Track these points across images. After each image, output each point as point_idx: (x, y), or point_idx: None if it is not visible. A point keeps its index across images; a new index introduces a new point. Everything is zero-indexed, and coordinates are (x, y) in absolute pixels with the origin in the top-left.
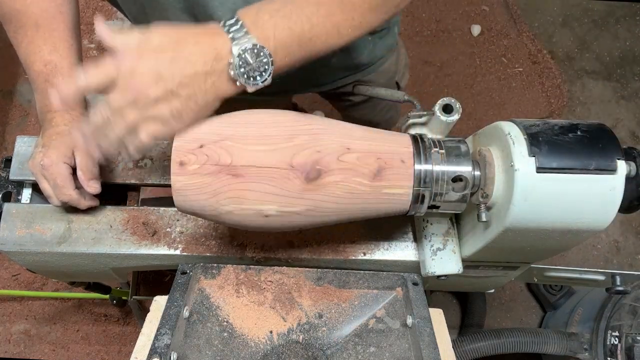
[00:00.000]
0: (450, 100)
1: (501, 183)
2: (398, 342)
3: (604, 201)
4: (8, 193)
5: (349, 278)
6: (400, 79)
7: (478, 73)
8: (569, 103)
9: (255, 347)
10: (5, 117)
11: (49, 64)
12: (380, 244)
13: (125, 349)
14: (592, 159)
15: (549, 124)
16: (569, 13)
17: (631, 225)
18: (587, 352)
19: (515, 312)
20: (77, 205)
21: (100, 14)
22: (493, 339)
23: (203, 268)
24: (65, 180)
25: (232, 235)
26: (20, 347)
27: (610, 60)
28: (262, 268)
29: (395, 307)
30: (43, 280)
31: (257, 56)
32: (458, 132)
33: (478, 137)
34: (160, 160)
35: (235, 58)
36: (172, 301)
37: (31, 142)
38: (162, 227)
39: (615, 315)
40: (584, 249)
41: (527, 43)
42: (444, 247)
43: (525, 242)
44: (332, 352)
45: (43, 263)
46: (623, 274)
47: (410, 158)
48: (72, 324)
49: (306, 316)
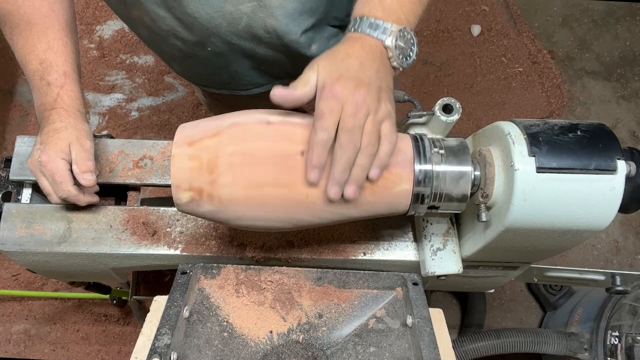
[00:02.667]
0: (450, 100)
1: (501, 183)
2: (398, 342)
3: (604, 201)
4: (8, 193)
5: (349, 278)
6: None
7: (478, 73)
8: (569, 103)
9: (255, 347)
10: (5, 117)
11: (44, 62)
12: (380, 244)
13: (125, 349)
14: (592, 159)
15: (549, 124)
16: (569, 13)
17: (631, 225)
18: (587, 352)
19: (515, 312)
20: (77, 202)
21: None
22: (493, 339)
23: (203, 268)
24: (64, 176)
25: (232, 235)
26: (20, 347)
27: (610, 60)
28: (262, 268)
29: (395, 307)
30: (43, 280)
31: (404, 38)
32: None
33: (478, 137)
34: (161, 160)
35: (393, 50)
36: (172, 301)
37: (31, 142)
38: (162, 227)
39: (615, 315)
40: (584, 249)
41: (527, 43)
42: (444, 247)
43: (525, 242)
44: (332, 352)
45: (43, 263)
46: (623, 274)
47: (410, 158)
48: (72, 324)
49: (306, 316)
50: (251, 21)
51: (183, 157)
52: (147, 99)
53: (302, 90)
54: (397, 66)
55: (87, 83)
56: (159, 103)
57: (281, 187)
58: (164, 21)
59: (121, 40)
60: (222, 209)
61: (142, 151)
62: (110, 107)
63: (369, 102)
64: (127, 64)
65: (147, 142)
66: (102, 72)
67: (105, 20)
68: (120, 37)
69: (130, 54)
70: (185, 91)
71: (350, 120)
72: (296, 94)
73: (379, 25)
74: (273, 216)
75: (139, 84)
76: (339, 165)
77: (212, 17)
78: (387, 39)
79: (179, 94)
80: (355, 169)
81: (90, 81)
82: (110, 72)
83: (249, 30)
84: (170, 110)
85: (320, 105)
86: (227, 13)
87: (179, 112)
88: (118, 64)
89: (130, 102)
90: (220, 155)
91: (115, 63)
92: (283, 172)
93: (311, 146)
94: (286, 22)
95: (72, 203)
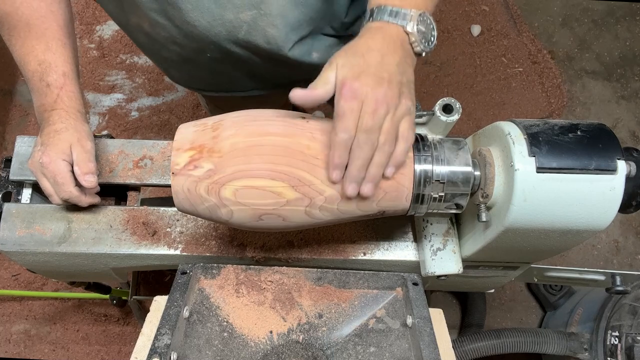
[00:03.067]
0: (450, 100)
1: (501, 183)
2: (398, 342)
3: (604, 201)
4: (8, 193)
5: (349, 278)
6: None
7: (478, 73)
8: (569, 103)
9: (255, 347)
10: (5, 117)
11: (43, 63)
12: (380, 244)
13: (125, 349)
14: (592, 159)
15: (549, 124)
16: (569, 13)
17: (631, 225)
18: (587, 352)
19: (515, 312)
20: (78, 203)
21: (100, 13)
22: (493, 339)
23: (203, 268)
24: (65, 177)
25: (232, 235)
26: (20, 347)
27: (610, 60)
28: (262, 268)
29: (395, 307)
30: (43, 280)
31: (424, 22)
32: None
33: (478, 137)
34: (161, 160)
35: (416, 34)
36: (172, 301)
37: (31, 142)
38: (162, 227)
39: (615, 315)
40: (584, 249)
41: (527, 43)
42: (444, 247)
43: (525, 242)
44: (332, 352)
45: (43, 263)
46: (623, 274)
47: (410, 158)
48: (72, 324)
49: (306, 316)
50: (251, 29)
51: (188, 126)
52: (147, 99)
53: (322, 90)
54: (420, 51)
55: (87, 83)
56: (159, 103)
57: (284, 137)
58: (163, 28)
59: (121, 40)
60: (220, 166)
61: (142, 151)
62: (110, 107)
63: (388, 100)
64: (127, 64)
65: (147, 142)
66: (102, 72)
67: (105, 20)
68: (120, 37)
69: (130, 54)
70: (185, 91)
71: (370, 119)
72: (316, 94)
73: (399, 12)
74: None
75: (139, 84)
76: (357, 164)
77: (212, 25)
78: (409, 25)
79: (179, 94)
80: (372, 167)
81: (90, 81)
82: (110, 72)
83: (249, 38)
84: (170, 110)
85: (340, 104)
86: (227, 21)
87: (179, 112)
88: (118, 64)
89: (130, 102)
90: (226, 118)
91: (115, 63)
92: (287, 127)
93: (333, 146)
94: (286, 31)
95: (73, 204)
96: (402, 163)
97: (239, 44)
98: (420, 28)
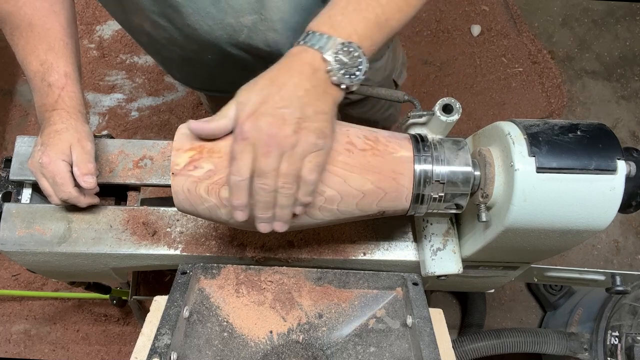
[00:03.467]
0: (450, 100)
1: (501, 183)
2: (398, 342)
3: (604, 201)
4: (8, 193)
5: (349, 278)
6: (398, 76)
7: (478, 73)
8: (569, 103)
9: (255, 347)
10: (5, 117)
11: (45, 63)
12: (380, 244)
13: (125, 349)
14: (592, 159)
15: (549, 124)
16: (569, 13)
17: (631, 225)
18: (587, 352)
19: (515, 312)
20: (77, 203)
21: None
22: (493, 339)
23: (203, 268)
24: (64, 177)
25: (232, 235)
26: (20, 347)
27: (610, 60)
28: (262, 268)
29: (395, 307)
30: (43, 280)
31: (348, 53)
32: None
33: (478, 137)
34: (161, 160)
35: (333, 63)
36: (172, 301)
37: (31, 142)
38: (162, 227)
39: (615, 315)
40: (584, 249)
41: (527, 43)
42: (444, 247)
43: (525, 242)
44: (332, 352)
45: (43, 263)
46: (623, 274)
47: (410, 158)
48: (72, 324)
49: (306, 316)
50: (252, 33)
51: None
52: (147, 99)
53: (216, 124)
54: (337, 82)
55: (87, 83)
56: (159, 103)
57: None
58: (164, 29)
59: (121, 40)
60: (221, 166)
61: (142, 151)
62: (110, 107)
63: (280, 140)
64: (127, 64)
65: (147, 142)
66: (102, 72)
67: (105, 20)
68: (120, 37)
69: (130, 54)
70: (185, 91)
71: (262, 162)
72: (210, 127)
73: (321, 37)
74: None
75: (139, 84)
76: (259, 206)
77: (213, 29)
78: (326, 53)
79: (179, 94)
80: (277, 209)
81: (90, 81)
82: (110, 72)
83: (250, 42)
84: (170, 110)
85: (233, 145)
86: (227, 25)
87: (179, 112)
88: (118, 64)
89: (130, 102)
90: None
91: (115, 63)
92: None
93: (229, 188)
94: (287, 36)
95: (72, 204)
96: (309, 203)
97: (239, 46)
98: (341, 58)
